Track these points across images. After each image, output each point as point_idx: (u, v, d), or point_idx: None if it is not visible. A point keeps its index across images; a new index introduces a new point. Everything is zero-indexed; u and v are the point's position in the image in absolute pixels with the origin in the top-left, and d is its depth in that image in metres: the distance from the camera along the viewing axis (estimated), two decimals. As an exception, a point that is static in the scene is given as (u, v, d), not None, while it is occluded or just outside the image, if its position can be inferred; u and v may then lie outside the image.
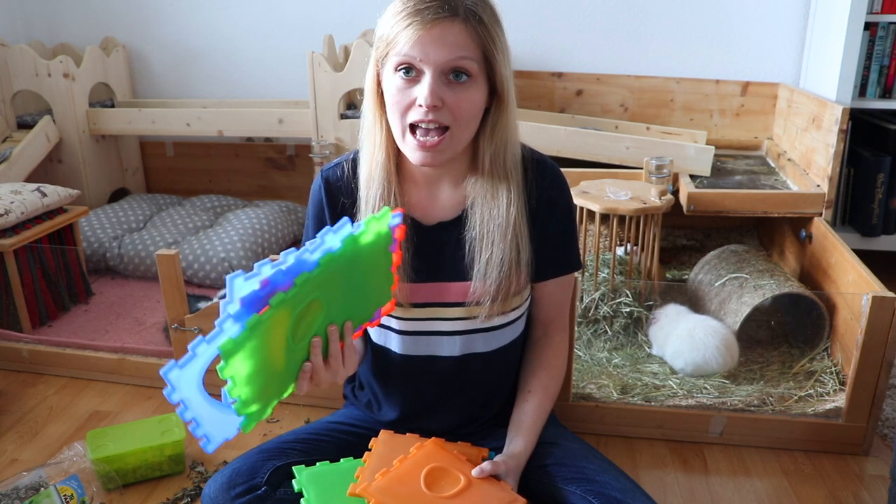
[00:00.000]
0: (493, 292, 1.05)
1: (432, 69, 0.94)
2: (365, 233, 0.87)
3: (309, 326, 0.86)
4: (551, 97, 2.62)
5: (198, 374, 0.77)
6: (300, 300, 0.82)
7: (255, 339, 0.78)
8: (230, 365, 0.77)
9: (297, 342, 0.86)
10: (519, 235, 1.05)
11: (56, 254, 2.04)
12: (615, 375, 1.63)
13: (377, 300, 0.95)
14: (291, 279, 0.81)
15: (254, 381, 0.80)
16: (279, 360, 0.84)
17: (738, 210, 1.95)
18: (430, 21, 0.93)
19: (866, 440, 1.42)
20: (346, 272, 0.87)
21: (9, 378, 1.78)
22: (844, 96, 2.06)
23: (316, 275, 0.82)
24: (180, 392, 0.77)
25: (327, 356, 0.91)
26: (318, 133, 2.40)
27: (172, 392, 0.76)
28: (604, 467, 1.07)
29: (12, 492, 1.25)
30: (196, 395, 0.78)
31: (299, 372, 0.89)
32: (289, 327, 0.83)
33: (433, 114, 0.95)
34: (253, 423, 0.84)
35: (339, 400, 1.36)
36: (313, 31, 2.69)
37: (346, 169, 1.12)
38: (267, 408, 0.86)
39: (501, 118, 1.02)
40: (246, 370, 0.79)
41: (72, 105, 2.54)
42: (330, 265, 0.84)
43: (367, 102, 1.04)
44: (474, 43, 0.95)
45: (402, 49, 0.94)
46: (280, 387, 0.87)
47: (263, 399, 0.84)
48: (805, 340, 1.75)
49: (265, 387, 0.83)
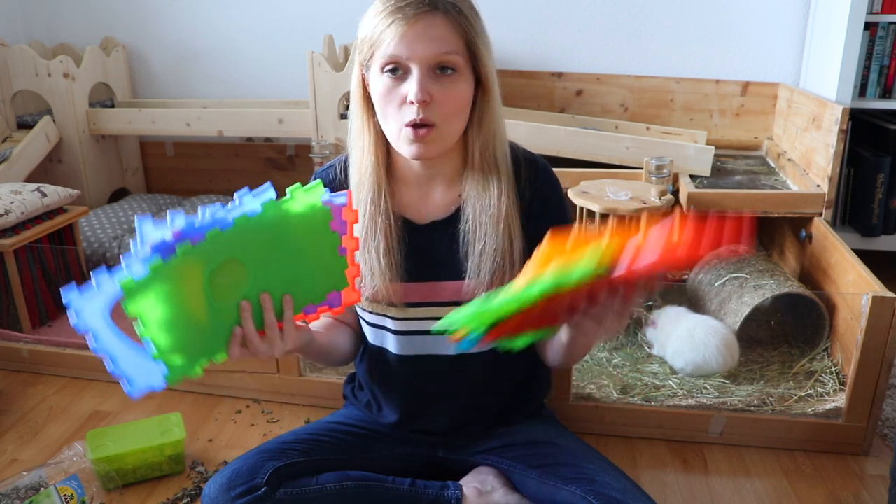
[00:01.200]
0: (487, 286, 1.05)
1: (419, 65, 0.94)
2: (291, 201, 0.87)
3: (233, 288, 0.87)
4: (551, 97, 2.62)
5: (102, 307, 0.80)
6: (213, 256, 0.84)
7: (162, 284, 0.81)
8: (134, 303, 0.80)
9: (221, 301, 0.87)
10: (511, 227, 1.05)
11: (56, 254, 2.04)
12: (615, 375, 1.64)
13: (326, 282, 0.94)
14: (203, 233, 0.82)
15: (171, 329, 0.83)
16: (200, 315, 0.85)
17: (738, 210, 1.95)
18: (412, 17, 0.93)
19: (866, 440, 1.42)
20: (272, 239, 0.87)
21: (9, 378, 1.78)
22: (844, 96, 2.06)
23: (230, 233, 0.84)
24: (84, 320, 0.80)
25: (262, 326, 0.91)
26: (318, 133, 2.40)
27: (77, 318, 0.80)
28: (604, 467, 1.07)
29: (12, 492, 1.25)
30: (105, 330, 0.81)
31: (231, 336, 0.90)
32: (203, 281, 0.84)
33: (423, 110, 0.95)
34: (178, 376, 0.86)
35: (339, 400, 1.36)
36: (313, 31, 2.69)
37: (338, 171, 1.12)
38: (194, 364, 0.88)
39: (487, 109, 1.02)
40: (158, 315, 0.82)
41: (72, 105, 2.54)
42: (247, 226, 0.85)
43: (354, 106, 1.04)
44: (457, 35, 0.95)
45: (387, 49, 0.94)
46: (209, 346, 0.89)
47: (187, 353, 0.86)
48: (805, 340, 1.75)
49: (187, 340, 0.85)
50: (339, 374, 1.62)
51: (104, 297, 0.80)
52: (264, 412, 1.61)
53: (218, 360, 0.90)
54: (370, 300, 1.10)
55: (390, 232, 1.05)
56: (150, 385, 0.85)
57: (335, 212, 0.91)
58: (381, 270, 1.05)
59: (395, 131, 0.99)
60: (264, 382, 1.64)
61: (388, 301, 1.08)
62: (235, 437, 1.52)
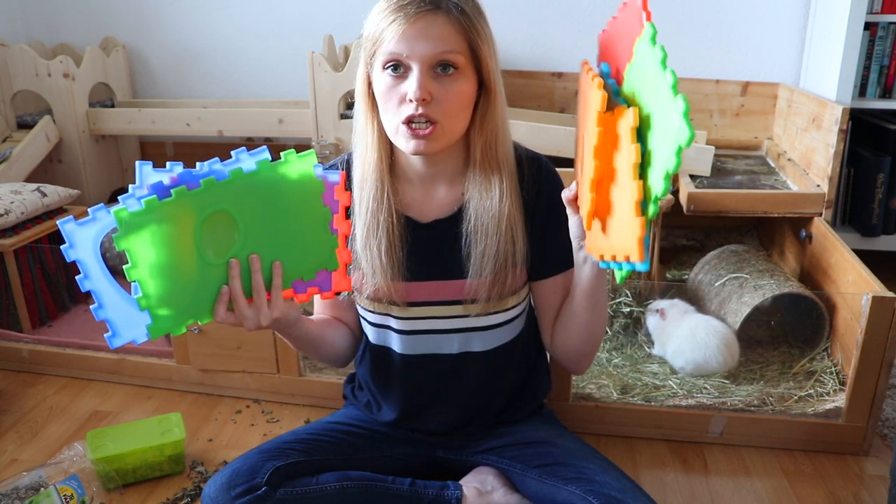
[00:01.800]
0: (489, 286, 1.05)
1: (419, 63, 0.94)
2: (286, 164, 0.89)
3: (223, 243, 0.88)
4: (551, 97, 2.62)
5: (94, 238, 0.82)
6: (205, 204, 0.85)
7: (156, 224, 0.82)
8: (126, 238, 0.81)
9: (210, 254, 0.88)
10: (514, 228, 1.05)
11: (56, 254, 2.04)
12: (615, 375, 1.64)
13: (316, 256, 0.94)
14: (198, 181, 0.85)
15: (160, 275, 0.84)
16: (189, 267, 0.86)
17: (738, 210, 1.95)
18: (414, 15, 0.93)
19: (866, 440, 1.42)
20: (265, 198, 0.89)
21: (9, 378, 1.78)
22: (844, 96, 2.06)
23: (224, 184, 0.86)
24: (76, 251, 0.82)
25: (250, 292, 0.92)
26: (318, 133, 2.40)
27: (69, 248, 0.82)
28: (604, 467, 1.07)
29: (12, 492, 1.25)
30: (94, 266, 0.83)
31: (218, 295, 0.90)
32: (195, 230, 0.86)
33: (423, 108, 0.95)
34: (162, 329, 0.87)
35: (339, 400, 1.36)
36: (313, 31, 2.69)
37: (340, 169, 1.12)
38: (180, 321, 0.88)
39: (490, 110, 1.02)
40: (149, 258, 0.83)
41: (72, 105, 2.54)
42: (242, 181, 0.87)
43: (359, 104, 1.05)
44: (459, 35, 0.95)
45: (388, 47, 0.95)
46: (196, 303, 0.89)
47: (174, 306, 0.87)
48: (805, 340, 1.75)
49: (175, 291, 0.86)
50: (339, 374, 1.62)
51: (98, 226, 0.82)
52: (264, 412, 1.61)
53: (203, 321, 0.91)
54: (372, 299, 1.10)
55: (392, 230, 1.05)
56: (133, 336, 0.87)
57: (327, 186, 0.92)
58: (382, 268, 1.05)
59: (394, 127, 0.99)
60: (264, 382, 1.64)
61: (389, 300, 1.08)
62: (235, 437, 1.52)
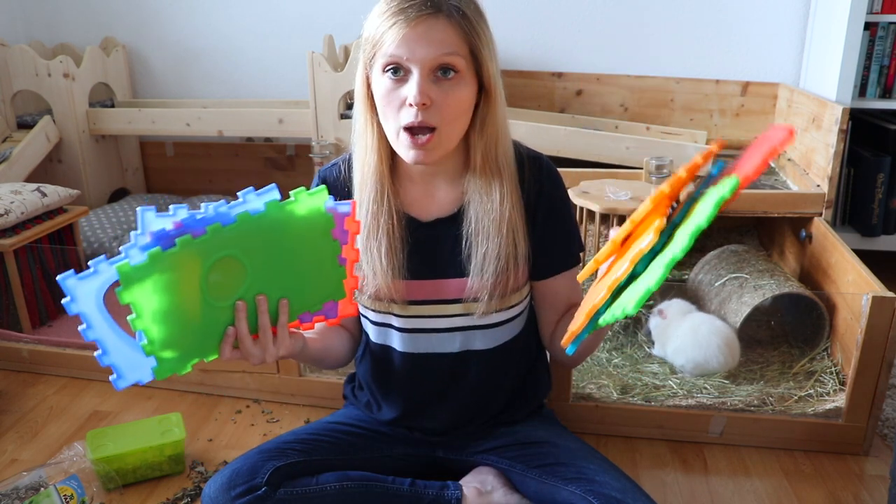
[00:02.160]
0: (491, 287, 1.05)
1: (419, 67, 0.94)
2: (294, 203, 0.87)
3: (230, 287, 0.87)
4: (551, 97, 2.62)
5: (96, 292, 0.80)
6: (211, 250, 0.83)
7: (159, 274, 0.80)
8: (129, 291, 0.79)
9: (216, 299, 0.86)
10: (515, 230, 1.05)
11: (56, 254, 2.04)
12: (615, 375, 1.64)
13: (323, 290, 0.93)
14: (204, 227, 0.82)
15: (164, 321, 0.83)
16: (194, 311, 0.85)
17: (738, 210, 1.95)
18: (414, 19, 0.93)
19: (866, 440, 1.42)
20: (273, 239, 0.87)
21: (9, 378, 1.78)
22: (844, 96, 2.06)
23: (231, 229, 0.83)
24: (78, 304, 0.80)
25: (256, 329, 0.91)
26: (318, 133, 2.40)
27: (71, 303, 0.80)
28: (604, 467, 1.07)
29: (12, 492, 1.25)
30: (97, 317, 0.81)
31: (223, 336, 0.89)
32: (201, 277, 0.84)
33: (422, 113, 0.95)
34: (168, 370, 0.86)
35: (339, 400, 1.36)
36: (313, 31, 2.69)
37: (342, 169, 1.12)
38: (186, 361, 0.88)
39: (490, 113, 1.02)
40: (153, 306, 0.81)
41: (72, 105, 2.54)
42: (249, 224, 0.84)
43: (358, 105, 1.04)
44: (460, 39, 0.95)
45: (388, 49, 0.94)
46: (201, 344, 0.88)
47: (180, 348, 0.86)
48: (805, 340, 1.75)
49: (180, 335, 0.85)
50: (339, 375, 1.62)
51: (100, 280, 0.80)
52: (264, 412, 1.61)
53: (208, 359, 0.90)
54: (373, 298, 1.10)
55: (392, 231, 1.05)
56: (138, 378, 0.86)
57: (338, 219, 0.90)
58: (382, 269, 1.05)
59: (394, 133, 0.99)
60: (264, 382, 1.64)
61: (390, 299, 1.08)
62: (235, 437, 1.52)
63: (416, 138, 0.96)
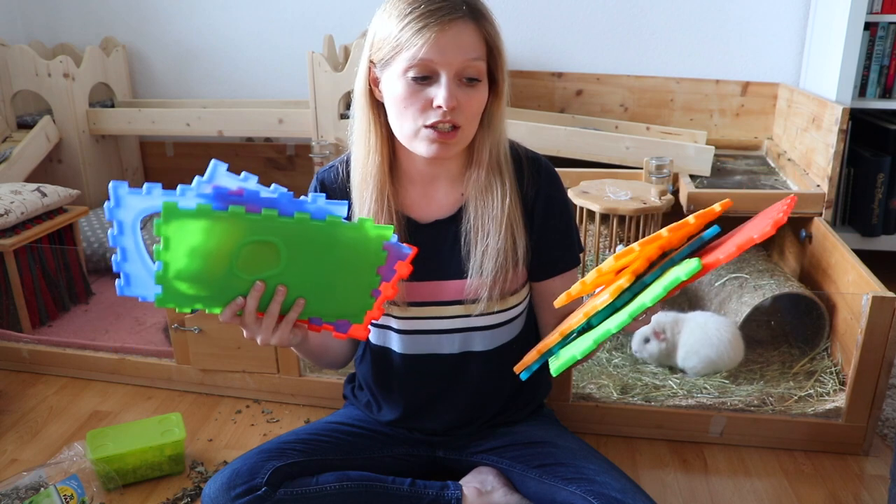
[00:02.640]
0: (490, 285, 1.05)
1: (448, 71, 0.94)
2: (355, 229, 0.87)
3: (259, 265, 0.88)
4: (551, 97, 2.62)
5: (140, 209, 0.82)
6: (257, 230, 0.84)
7: (199, 226, 0.82)
8: (166, 226, 0.81)
9: (241, 270, 0.87)
10: (514, 227, 1.05)
11: (56, 254, 2.04)
12: (615, 375, 1.64)
13: (345, 309, 0.94)
14: (261, 207, 0.83)
15: (186, 263, 0.84)
16: (217, 268, 0.86)
17: (738, 210, 1.95)
18: (445, 23, 0.93)
19: (866, 440, 1.43)
20: (318, 249, 0.87)
21: (9, 378, 1.78)
22: (844, 96, 2.06)
23: (284, 221, 0.84)
24: (119, 211, 0.81)
25: (264, 309, 0.91)
26: (318, 133, 2.40)
27: (114, 207, 0.81)
28: (604, 467, 1.07)
29: (12, 492, 1.25)
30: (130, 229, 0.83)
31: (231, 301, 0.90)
32: (237, 245, 0.85)
33: (450, 115, 0.95)
34: (170, 301, 0.87)
35: (339, 400, 1.36)
36: (313, 31, 2.69)
37: (340, 171, 1.12)
38: (188, 303, 0.89)
39: (497, 111, 1.03)
40: (181, 247, 0.83)
41: (72, 105, 2.54)
42: (303, 225, 0.85)
43: (359, 105, 1.04)
44: (483, 41, 0.96)
45: (416, 53, 0.93)
46: (210, 296, 0.89)
47: (190, 288, 0.87)
48: (805, 340, 1.75)
49: (194, 279, 0.86)
50: (339, 375, 1.62)
51: (148, 202, 0.81)
52: (264, 412, 1.61)
53: (210, 311, 0.91)
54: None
55: None
56: (142, 293, 0.87)
57: (390, 258, 0.90)
58: None
59: (413, 131, 0.98)
60: (264, 382, 1.64)
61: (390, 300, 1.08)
62: (235, 437, 1.52)
63: (441, 133, 0.96)
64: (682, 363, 1.65)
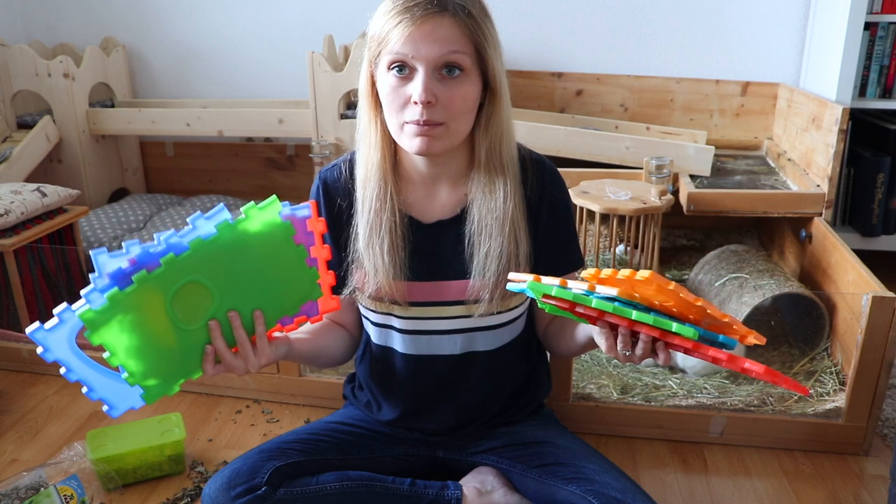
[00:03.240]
0: (492, 287, 1.05)
1: (424, 65, 0.94)
2: (246, 220, 0.88)
3: (198, 310, 0.89)
4: (551, 97, 2.63)
5: (67, 339, 0.83)
6: (170, 281, 0.85)
7: (122, 314, 0.83)
8: (98, 334, 0.83)
9: (187, 324, 0.89)
10: (517, 229, 1.05)
11: (56, 254, 2.04)
12: (615, 375, 1.64)
13: (298, 293, 0.94)
14: (157, 259, 0.84)
15: (139, 355, 0.86)
16: (168, 339, 0.88)
17: (738, 210, 1.95)
18: (420, 17, 0.93)
19: (866, 440, 1.42)
20: (232, 259, 0.88)
21: (9, 378, 1.78)
22: (844, 96, 2.06)
23: (186, 257, 0.85)
24: (53, 353, 0.84)
25: (234, 343, 0.93)
26: (318, 133, 2.40)
27: (46, 352, 0.83)
28: (604, 467, 1.07)
29: (12, 492, 1.25)
30: (75, 360, 0.85)
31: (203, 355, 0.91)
32: (166, 306, 0.86)
33: (427, 111, 0.95)
34: (155, 396, 0.90)
35: (339, 400, 1.36)
36: (313, 31, 2.69)
37: (343, 170, 1.12)
38: (171, 384, 0.91)
39: (495, 112, 1.02)
40: (124, 343, 0.85)
41: (72, 105, 2.54)
42: (204, 249, 0.86)
43: (362, 103, 1.05)
44: (465, 37, 0.95)
45: (393, 47, 0.95)
46: (183, 366, 0.91)
47: (161, 375, 0.89)
48: (805, 340, 1.75)
49: (158, 363, 0.88)
50: (339, 374, 1.62)
51: (67, 328, 0.83)
52: (264, 412, 1.61)
53: (194, 377, 0.92)
54: (374, 298, 1.10)
55: (395, 229, 1.05)
56: (130, 405, 0.89)
57: (297, 225, 0.91)
58: (384, 267, 1.05)
59: (398, 126, 0.99)
60: (264, 382, 1.64)
61: (391, 299, 1.08)
62: (235, 437, 1.52)
63: (422, 126, 0.96)
64: (682, 363, 1.65)
